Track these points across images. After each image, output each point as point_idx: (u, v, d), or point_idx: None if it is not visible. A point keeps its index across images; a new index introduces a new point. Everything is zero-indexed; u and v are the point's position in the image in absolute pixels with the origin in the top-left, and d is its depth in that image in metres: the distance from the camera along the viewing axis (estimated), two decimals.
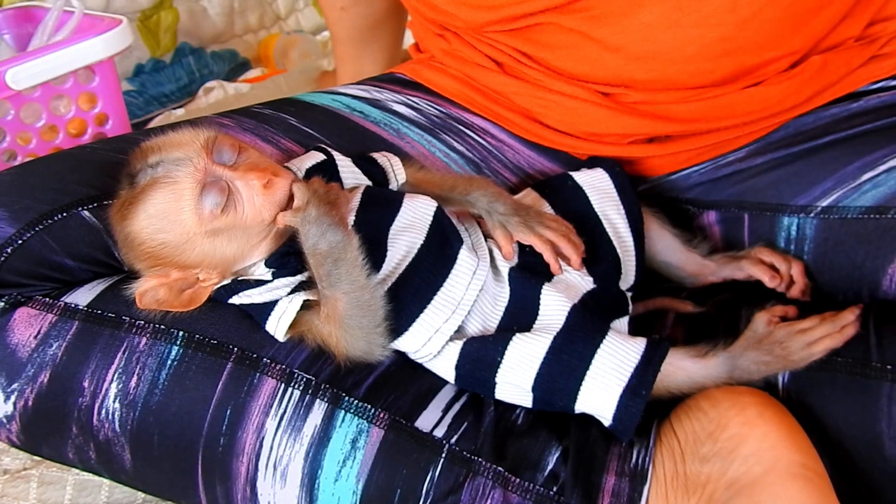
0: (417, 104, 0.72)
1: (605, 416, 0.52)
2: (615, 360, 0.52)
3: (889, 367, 0.51)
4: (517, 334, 0.54)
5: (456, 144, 0.71)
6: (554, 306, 0.55)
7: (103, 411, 0.53)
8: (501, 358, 0.53)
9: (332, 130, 0.69)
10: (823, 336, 0.52)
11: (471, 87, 0.71)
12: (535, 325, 0.55)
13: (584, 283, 0.58)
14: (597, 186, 0.62)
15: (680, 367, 0.53)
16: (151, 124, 1.20)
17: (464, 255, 0.56)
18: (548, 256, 0.58)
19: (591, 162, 0.67)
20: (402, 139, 0.70)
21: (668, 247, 0.65)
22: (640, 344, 0.53)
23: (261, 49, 1.40)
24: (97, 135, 0.97)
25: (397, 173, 0.63)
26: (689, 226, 0.68)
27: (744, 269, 0.64)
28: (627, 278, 0.61)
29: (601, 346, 0.52)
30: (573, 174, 0.64)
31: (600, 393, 0.52)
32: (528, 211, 0.60)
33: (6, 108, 0.88)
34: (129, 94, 1.24)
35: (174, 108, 1.26)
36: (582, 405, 0.52)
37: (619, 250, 0.61)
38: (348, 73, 1.04)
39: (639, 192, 0.67)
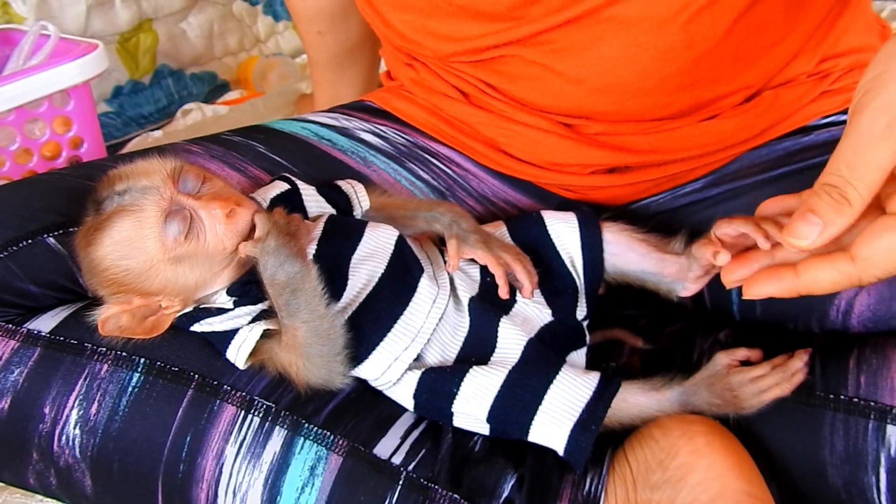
0: (385, 133, 0.74)
1: (558, 448, 0.53)
2: (567, 395, 0.53)
3: (832, 395, 0.52)
4: (474, 367, 0.55)
5: (421, 173, 0.72)
6: (511, 340, 0.56)
7: (64, 437, 0.54)
8: (457, 389, 0.54)
9: (299, 158, 0.70)
10: (774, 385, 0.53)
11: (437, 116, 0.73)
12: (492, 358, 0.56)
13: (541, 315, 0.59)
14: (559, 217, 0.63)
15: (633, 403, 0.54)
16: (129, 146, 1.21)
17: (424, 284, 0.58)
18: (499, 277, 0.58)
19: (567, 207, 0.66)
20: (369, 167, 0.71)
21: (641, 255, 0.61)
22: (593, 379, 0.54)
23: (240, 71, 1.42)
24: (72, 158, 0.97)
25: (361, 200, 0.64)
26: None
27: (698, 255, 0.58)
28: (581, 310, 0.62)
29: (554, 381, 0.53)
30: (543, 213, 0.64)
31: (552, 427, 0.53)
32: (489, 234, 0.62)
33: None
34: (108, 116, 1.25)
35: (152, 130, 1.27)
36: (535, 437, 0.53)
37: (577, 281, 0.62)
38: (325, 97, 1.06)
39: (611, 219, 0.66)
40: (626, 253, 0.61)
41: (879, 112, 0.39)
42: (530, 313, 0.59)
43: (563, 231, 0.62)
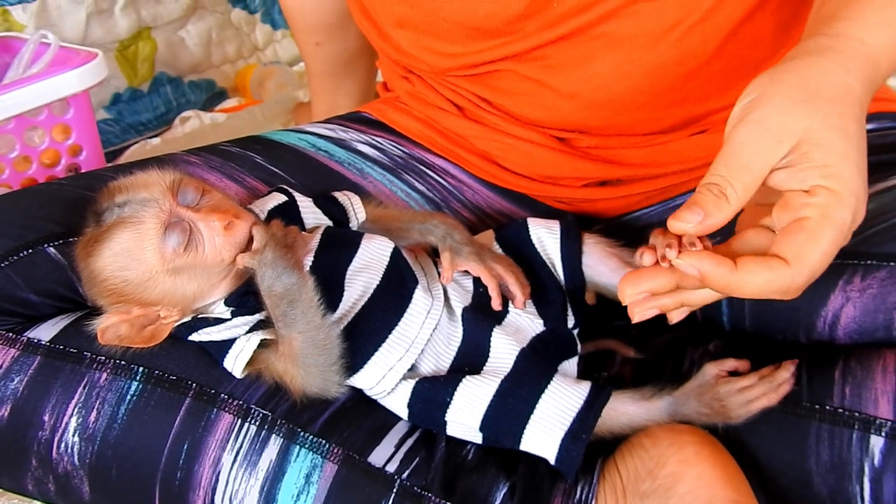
0: (381, 144, 0.75)
1: (549, 457, 0.54)
2: (558, 404, 0.54)
3: (817, 406, 0.53)
4: (467, 377, 0.56)
5: (417, 184, 0.73)
6: (503, 350, 0.57)
7: (63, 445, 0.54)
8: (451, 399, 0.55)
9: (297, 169, 0.71)
10: (761, 395, 0.54)
11: (433, 128, 0.74)
12: (484, 368, 0.57)
13: (533, 325, 0.60)
14: (542, 224, 0.64)
15: (623, 412, 0.55)
16: (127, 153, 1.22)
17: (418, 295, 0.59)
18: (492, 289, 0.60)
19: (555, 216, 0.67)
20: (365, 179, 0.72)
21: (613, 269, 0.63)
22: (583, 388, 0.55)
23: (238, 79, 1.42)
24: (70, 165, 0.98)
25: (357, 212, 0.65)
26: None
27: None
28: (570, 318, 0.63)
29: (546, 390, 0.54)
30: (528, 220, 0.66)
31: (543, 436, 0.53)
32: (482, 246, 0.63)
33: None
34: (106, 123, 1.25)
35: (150, 137, 1.27)
36: (526, 445, 0.54)
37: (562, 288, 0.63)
38: (323, 106, 1.07)
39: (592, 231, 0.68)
40: (598, 265, 0.63)
41: (754, 125, 0.45)
42: (523, 323, 0.60)
43: (545, 237, 0.63)
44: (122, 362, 0.55)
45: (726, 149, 0.45)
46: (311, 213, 0.63)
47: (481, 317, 0.59)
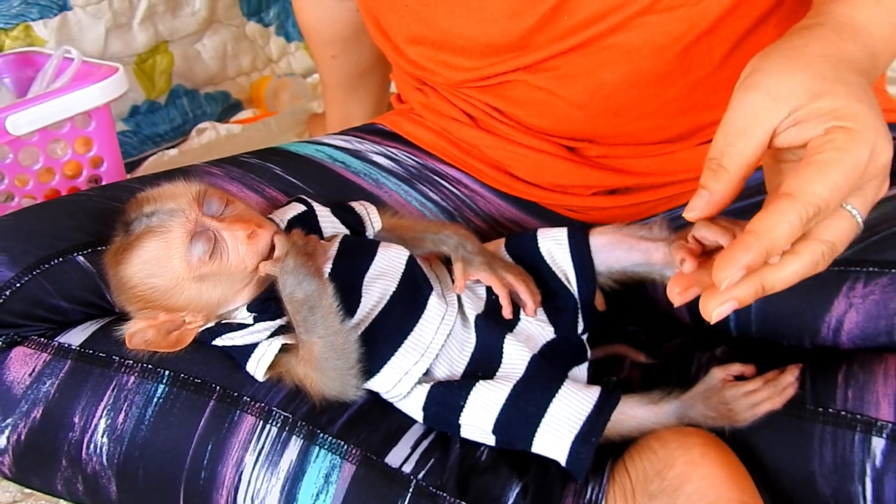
0: (396, 155, 0.77)
1: (560, 459, 0.55)
2: (569, 408, 0.55)
3: (821, 409, 0.55)
4: (480, 381, 0.58)
5: (431, 194, 0.75)
6: (515, 355, 0.59)
7: (92, 445, 0.57)
8: (464, 402, 0.57)
9: (314, 180, 0.73)
10: (766, 399, 0.55)
11: (446, 139, 0.76)
12: (497, 373, 0.59)
13: (544, 333, 0.62)
14: (550, 235, 0.65)
15: (632, 416, 0.56)
16: (145, 164, 1.25)
17: (433, 302, 0.60)
18: (503, 297, 0.61)
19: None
20: (381, 189, 0.74)
21: (627, 249, 0.62)
22: (593, 393, 0.56)
23: (253, 91, 1.45)
24: (92, 177, 1.00)
25: (373, 221, 0.67)
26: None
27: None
28: (580, 325, 0.64)
29: (557, 395, 0.56)
30: (538, 232, 0.66)
31: (554, 439, 0.55)
32: (493, 255, 0.64)
33: (5, 152, 0.91)
34: (124, 134, 1.28)
35: (168, 148, 1.30)
36: (538, 448, 0.56)
37: (574, 296, 0.65)
38: (337, 117, 1.09)
39: None
40: (613, 251, 0.63)
41: (748, 90, 0.45)
42: (534, 331, 0.62)
43: (555, 250, 0.64)
44: (149, 366, 0.57)
45: (723, 119, 0.45)
46: (328, 223, 0.65)
47: (494, 324, 0.61)
